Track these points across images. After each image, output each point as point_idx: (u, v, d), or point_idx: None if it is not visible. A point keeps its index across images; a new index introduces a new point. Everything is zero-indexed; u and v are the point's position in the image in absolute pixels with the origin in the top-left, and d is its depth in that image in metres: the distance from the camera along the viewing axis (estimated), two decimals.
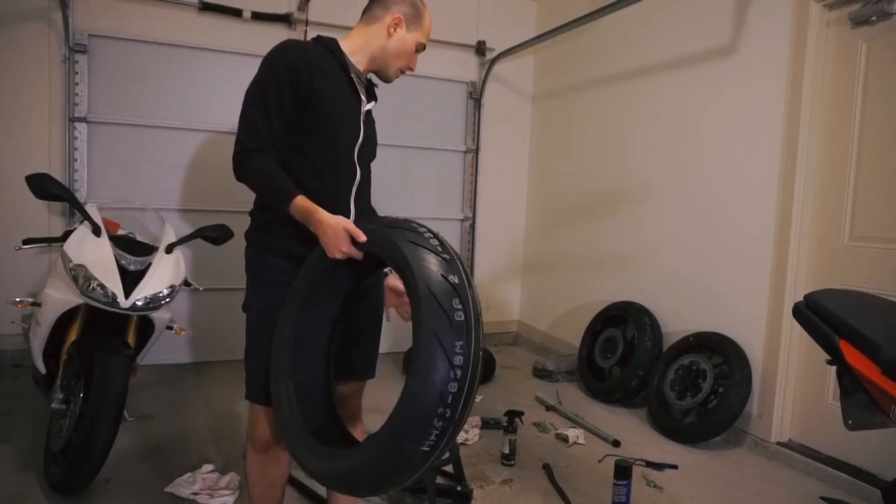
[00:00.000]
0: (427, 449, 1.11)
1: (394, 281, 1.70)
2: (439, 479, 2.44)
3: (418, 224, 1.30)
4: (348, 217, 1.54)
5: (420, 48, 1.67)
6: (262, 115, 1.48)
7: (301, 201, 1.43)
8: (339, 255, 1.37)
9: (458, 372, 1.10)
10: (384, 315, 1.75)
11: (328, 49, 1.59)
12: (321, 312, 1.52)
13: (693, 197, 3.35)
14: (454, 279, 1.17)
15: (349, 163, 1.58)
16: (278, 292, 1.54)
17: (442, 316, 1.12)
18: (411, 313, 1.19)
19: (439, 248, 1.22)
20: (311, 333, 1.51)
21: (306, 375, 1.51)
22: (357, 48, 1.64)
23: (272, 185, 1.47)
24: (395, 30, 1.61)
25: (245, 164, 1.49)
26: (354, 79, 1.60)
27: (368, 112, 1.65)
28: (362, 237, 1.34)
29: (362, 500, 1.87)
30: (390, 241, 1.26)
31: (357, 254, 1.37)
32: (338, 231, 1.36)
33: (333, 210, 1.44)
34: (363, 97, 1.62)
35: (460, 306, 1.14)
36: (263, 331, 1.56)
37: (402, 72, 1.68)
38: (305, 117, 1.51)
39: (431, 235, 1.26)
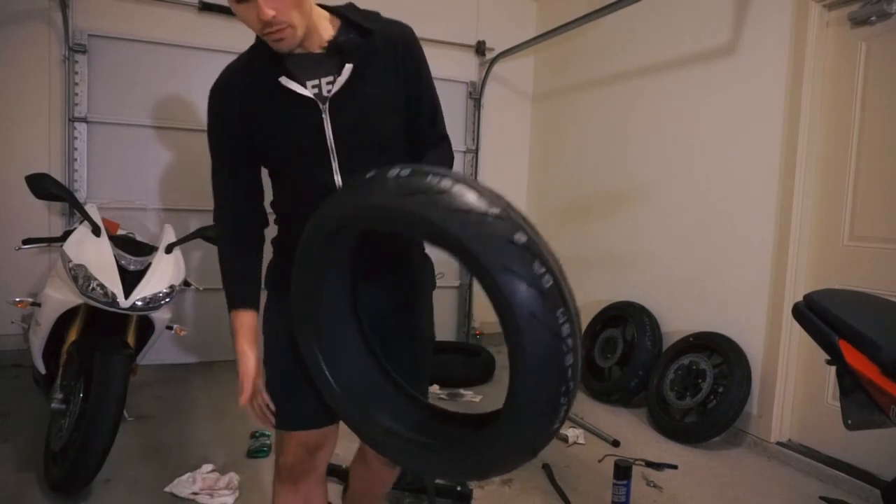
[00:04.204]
0: (558, 425, 1.00)
1: None
2: (439, 479, 2.45)
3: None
4: None
5: None
6: (217, 184, 1.40)
7: (234, 317, 1.36)
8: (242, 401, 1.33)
9: (570, 342, 0.93)
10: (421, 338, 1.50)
11: (252, 57, 1.30)
12: (336, 294, 1.25)
13: (693, 197, 3.35)
14: (521, 238, 0.95)
15: (324, 169, 1.31)
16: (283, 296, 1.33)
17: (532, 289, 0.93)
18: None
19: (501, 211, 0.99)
20: (337, 320, 1.26)
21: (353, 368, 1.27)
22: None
23: (225, 285, 1.39)
24: None
25: (219, 255, 1.41)
26: (288, 82, 1.25)
27: (339, 95, 1.27)
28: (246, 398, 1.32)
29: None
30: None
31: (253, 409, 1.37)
32: (241, 378, 1.33)
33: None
34: (314, 90, 1.27)
35: (543, 269, 0.95)
36: (274, 345, 1.39)
37: (261, 27, 1.18)
38: (257, 153, 1.36)
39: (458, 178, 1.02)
